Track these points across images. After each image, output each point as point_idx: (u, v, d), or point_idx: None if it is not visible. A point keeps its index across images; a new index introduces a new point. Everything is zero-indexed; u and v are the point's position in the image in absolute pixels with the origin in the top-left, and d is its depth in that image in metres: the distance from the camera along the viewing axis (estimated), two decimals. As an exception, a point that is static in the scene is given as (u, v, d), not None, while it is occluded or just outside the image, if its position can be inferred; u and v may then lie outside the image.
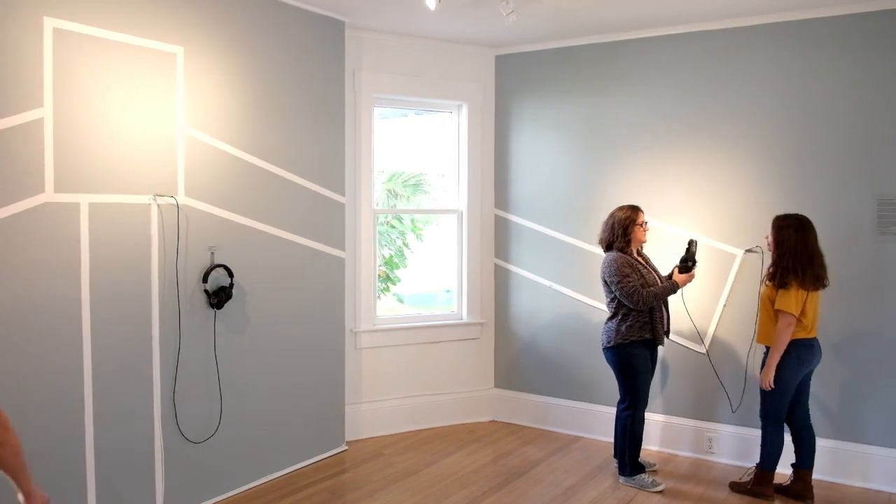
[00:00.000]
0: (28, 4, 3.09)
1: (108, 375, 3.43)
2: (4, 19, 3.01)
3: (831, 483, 4.30)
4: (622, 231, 4.21)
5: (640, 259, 4.30)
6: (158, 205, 3.63)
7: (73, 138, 3.27)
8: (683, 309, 4.61)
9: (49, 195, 3.18)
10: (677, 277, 4.22)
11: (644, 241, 4.34)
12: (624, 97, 4.98)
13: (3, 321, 3.03)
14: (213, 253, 3.90)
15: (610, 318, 4.28)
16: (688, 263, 4.24)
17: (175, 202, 3.69)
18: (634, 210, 4.26)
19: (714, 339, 4.68)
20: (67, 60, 3.23)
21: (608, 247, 4.29)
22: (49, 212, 3.18)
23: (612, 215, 4.30)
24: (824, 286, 3.92)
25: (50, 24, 3.16)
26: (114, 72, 3.42)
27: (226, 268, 3.93)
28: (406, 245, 6.43)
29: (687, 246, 4.28)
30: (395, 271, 6.35)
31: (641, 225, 4.25)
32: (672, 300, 4.43)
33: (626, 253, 4.21)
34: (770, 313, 3.95)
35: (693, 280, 4.30)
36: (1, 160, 3.01)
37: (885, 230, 4.18)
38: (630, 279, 4.10)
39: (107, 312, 3.41)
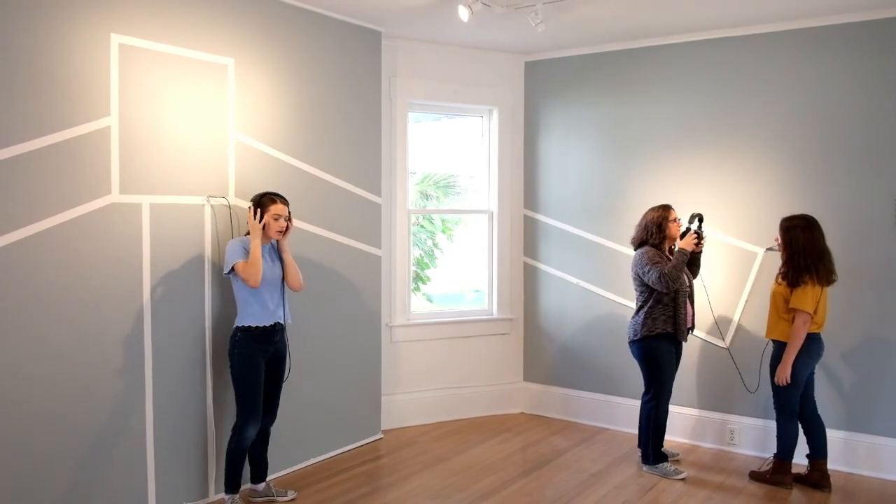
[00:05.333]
0: (96, 23, 3.39)
1: (165, 362, 3.74)
2: (76, 37, 3.31)
3: (845, 473, 4.44)
4: (656, 228, 4.40)
5: (671, 256, 4.48)
6: (212, 205, 3.92)
7: (137, 144, 3.57)
8: (707, 305, 4.78)
9: (115, 196, 3.48)
10: (680, 244, 4.36)
11: (677, 238, 4.48)
12: (648, 101, 5.17)
13: (76, 311, 3.34)
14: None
15: (636, 313, 4.47)
16: (693, 234, 4.38)
17: (227, 203, 3.99)
18: (665, 209, 4.45)
19: (735, 335, 4.85)
20: (131, 73, 3.53)
21: (640, 244, 4.48)
22: (115, 212, 3.49)
23: (644, 216, 4.50)
24: (834, 281, 4.09)
25: (116, 40, 3.47)
26: (172, 82, 3.73)
27: (272, 264, 4.20)
28: (436, 245, 6.64)
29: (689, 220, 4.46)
30: (425, 271, 6.57)
31: (674, 221, 4.44)
32: (697, 297, 4.62)
33: (659, 249, 4.40)
34: (780, 310, 4.12)
35: (701, 249, 4.42)
36: (73, 165, 3.31)
37: (903, 229, 4.33)
38: (658, 265, 4.29)
39: (165, 303, 3.72)
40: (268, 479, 4.09)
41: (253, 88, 4.16)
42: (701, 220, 4.44)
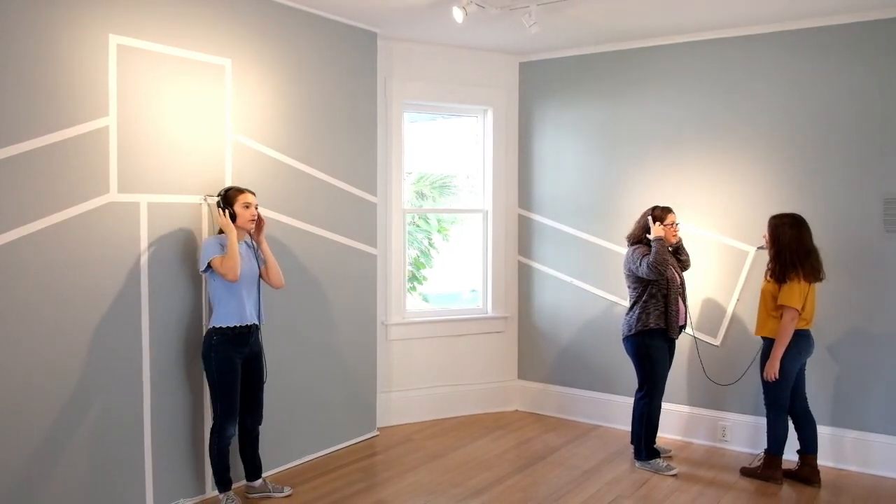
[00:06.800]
0: (95, 23, 3.43)
1: (163, 360, 3.78)
2: (75, 37, 3.35)
3: (836, 469, 4.50)
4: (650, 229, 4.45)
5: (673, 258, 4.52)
6: (208, 204, 3.96)
7: (134, 144, 3.61)
8: (698, 303, 4.84)
9: (113, 195, 3.52)
10: (653, 234, 4.37)
11: (673, 242, 4.51)
12: (641, 102, 5.23)
13: (74, 309, 3.38)
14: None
15: (629, 310, 4.52)
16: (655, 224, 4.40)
17: (224, 202, 4.02)
18: (664, 210, 4.49)
19: (727, 332, 4.90)
20: (129, 73, 3.57)
21: (635, 242, 4.52)
22: (113, 210, 3.52)
23: (643, 215, 4.54)
24: (821, 279, 4.14)
25: (114, 41, 3.50)
26: (170, 83, 3.76)
27: (268, 262, 4.24)
28: (432, 245, 6.69)
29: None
30: (421, 271, 6.61)
31: (671, 225, 4.45)
32: (690, 295, 4.67)
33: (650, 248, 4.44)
34: (769, 307, 4.18)
35: (675, 235, 4.45)
36: (72, 164, 3.35)
37: (892, 228, 4.38)
38: (647, 256, 4.33)
39: (163, 301, 3.75)
40: (264, 475, 4.13)
41: (250, 88, 4.20)
42: (654, 209, 4.47)
